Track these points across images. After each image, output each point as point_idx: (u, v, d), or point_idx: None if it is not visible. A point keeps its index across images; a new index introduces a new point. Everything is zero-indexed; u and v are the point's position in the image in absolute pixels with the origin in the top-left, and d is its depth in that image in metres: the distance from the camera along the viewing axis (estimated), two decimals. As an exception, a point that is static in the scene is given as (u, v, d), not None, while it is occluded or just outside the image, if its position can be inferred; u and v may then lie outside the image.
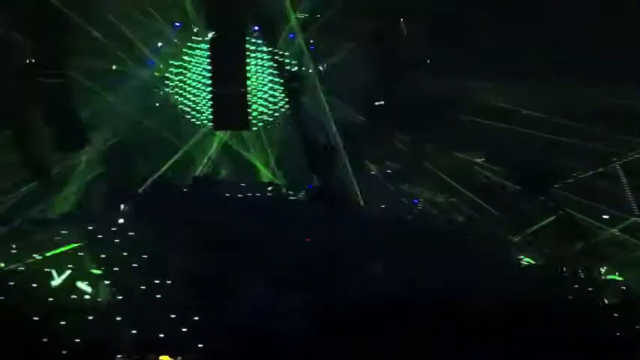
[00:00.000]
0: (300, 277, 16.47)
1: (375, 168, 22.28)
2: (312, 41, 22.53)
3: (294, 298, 15.86)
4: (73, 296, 17.14)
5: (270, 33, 22.11)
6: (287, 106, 22.72)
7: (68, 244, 18.80)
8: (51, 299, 17.01)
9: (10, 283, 17.18)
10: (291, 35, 22.59)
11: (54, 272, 17.91)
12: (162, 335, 16.19)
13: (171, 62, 22.61)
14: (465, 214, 21.18)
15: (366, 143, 21.98)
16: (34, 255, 18.10)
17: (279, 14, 21.75)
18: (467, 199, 21.29)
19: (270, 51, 22.29)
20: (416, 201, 21.84)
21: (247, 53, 21.88)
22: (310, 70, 22.37)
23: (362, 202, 20.87)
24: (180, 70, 22.54)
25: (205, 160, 22.50)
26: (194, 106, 22.48)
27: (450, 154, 21.90)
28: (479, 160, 22.07)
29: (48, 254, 18.07)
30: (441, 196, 21.73)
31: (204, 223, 18.35)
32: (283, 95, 22.61)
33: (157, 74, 22.60)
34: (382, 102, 21.65)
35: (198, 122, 22.45)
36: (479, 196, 21.16)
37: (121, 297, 17.25)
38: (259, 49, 22.33)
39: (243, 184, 21.78)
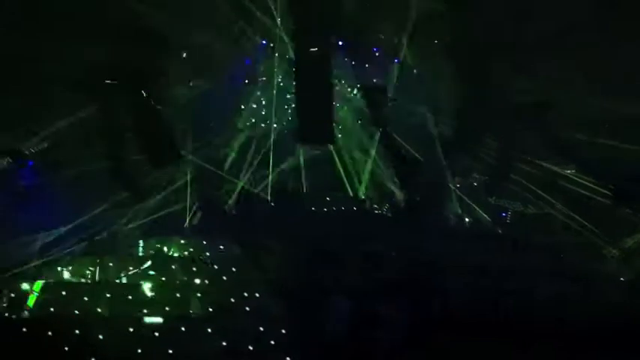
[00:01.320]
0: (391, 289, 16.32)
1: (462, 180, 21.97)
2: (396, 54, 22.46)
3: (386, 311, 15.73)
4: (167, 308, 17.61)
5: (354, 47, 22.18)
6: (371, 119, 22.72)
7: (157, 256, 19.44)
8: (145, 311, 17.56)
9: (108, 295, 17.77)
10: (375, 49, 22.62)
11: (144, 283, 18.54)
12: (251, 347, 16.41)
13: (258, 79, 22.99)
14: (557, 226, 20.58)
15: (453, 155, 21.67)
16: (129, 267, 18.77)
17: (364, 28, 21.81)
18: (557, 210, 20.71)
19: (355, 65, 22.36)
20: (504, 214, 21.40)
21: (332, 68, 21.99)
22: (395, 82, 22.31)
23: (449, 214, 20.60)
24: (267, 86, 22.92)
25: (289, 174, 22.72)
26: (280, 121, 22.79)
27: (538, 165, 21.36)
28: (569, 172, 21.43)
29: (144, 265, 18.66)
30: (530, 208, 21.21)
31: (292, 236, 18.51)
32: (367, 108, 22.62)
33: (244, 91, 23.02)
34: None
35: (284, 137, 22.69)
36: (570, 208, 20.53)
37: (211, 309, 17.63)
38: (344, 63, 22.43)
39: (328, 198, 21.89)
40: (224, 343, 16.39)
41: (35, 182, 20.15)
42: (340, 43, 22.35)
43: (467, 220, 21.16)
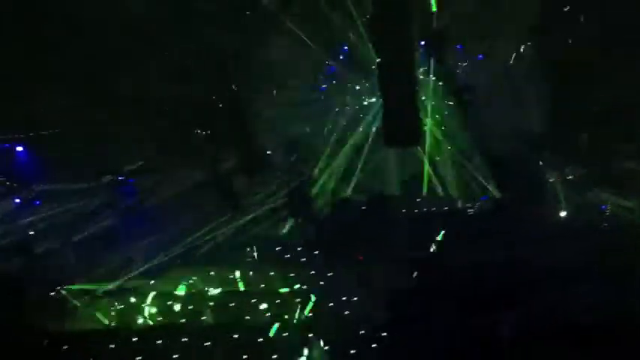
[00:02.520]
0: (488, 295, 16.03)
1: (558, 174, 21.41)
2: (481, 50, 22.18)
3: (486, 318, 15.48)
4: (268, 314, 17.94)
5: (437, 46, 22.01)
6: (458, 117, 22.49)
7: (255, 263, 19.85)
8: (247, 317, 17.94)
9: (211, 303, 18.25)
10: (459, 46, 22.39)
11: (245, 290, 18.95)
12: (352, 351, 16.51)
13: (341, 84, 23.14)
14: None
15: (546, 149, 21.18)
16: (229, 275, 19.24)
17: (446, 27, 21.62)
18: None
19: (439, 64, 22.20)
20: (604, 207, 20.71)
21: (415, 68, 21.88)
22: (481, 80, 22.02)
23: (547, 212, 20.12)
24: (349, 90, 23.04)
25: (379, 178, 22.72)
26: (365, 124, 22.85)
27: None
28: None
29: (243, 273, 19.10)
30: (631, 201, 20.45)
31: (387, 240, 18.54)
32: (454, 108, 22.42)
33: (327, 97, 23.21)
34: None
35: (370, 141, 22.72)
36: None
37: (310, 314, 17.85)
38: (427, 62, 22.30)
39: (418, 200, 21.80)
40: (326, 348, 16.55)
41: (136, 198, 21.00)
42: (422, 42, 22.23)
43: (566, 215, 20.59)
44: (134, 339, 17.07)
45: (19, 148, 20.45)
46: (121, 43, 18.78)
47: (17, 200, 20.36)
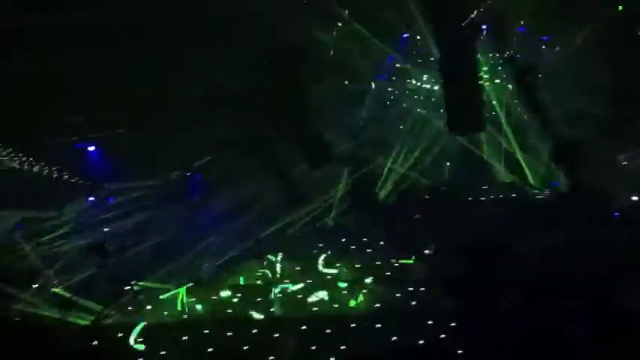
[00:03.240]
0: (565, 283, 15.72)
1: (625, 158, 20.77)
2: (545, 32, 21.64)
3: (558, 306, 15.22)
4: (335, 305, 18.14)
5: (499, 30, 21.60)
6: (522, 102, 22.07)
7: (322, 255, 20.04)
8: (315, 309, 18.18)
9: (280, 295, 18.57)
10: (521, 29, 21.92)
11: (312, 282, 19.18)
12: (421, 342, 16.52)
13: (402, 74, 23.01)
14: None
15: (613, 134, 20.53)
16: (296, 267, 19.52)
17: (509, 9, 21.17)
18: None
19: (501, 48, 21.80)
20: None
21: (478, 52, 21.54)
22: (546, 63, 21.51)
23: (616, 197, 19.54)
24: (413, 78, 22.89)
25: (442, 165, 22.54)
26: (429, 112, 22.69)
27: None
28: None
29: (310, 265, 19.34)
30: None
31: (453, 231, 18.43)
32: (518, 92, 21.99)
33: (389, 86, 23.12)
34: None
35: (434, 128, 22.55)
36: None
37: (378, 305, 17.95)
38: (489, 47, 21.93)
39: (484, 187, 21.54)
40: (394, 338, 16.62)
41: (203, 192, 21.46)
42: (484, 26, 21.84)
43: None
44: (206, 330, 17.55)
45: (92, 148, 21.14)
46: (192, 43, 19.13)
47: (91, 198, 21.14)
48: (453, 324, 16.46)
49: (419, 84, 22.96)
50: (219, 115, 20.31)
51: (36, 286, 18.73)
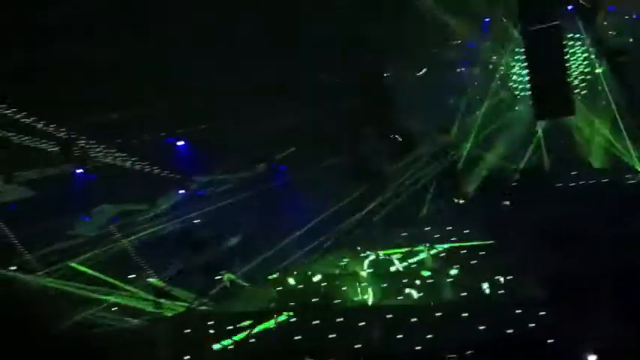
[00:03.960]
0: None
1: None
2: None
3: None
4: (421, 294, 18.12)
5: (586, 10, 20.86)
6: (613, 84, 21.24)
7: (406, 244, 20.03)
8: (400, 298, 18.20)
9: (366, 284, 18.69)
10: (611, 7, 21.09)
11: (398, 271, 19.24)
12: (509, 330, 16.30)
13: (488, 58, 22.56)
14: None
15: None
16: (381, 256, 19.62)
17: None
18: None
19: (590, 28, 21.04)
20: None
21: (565, 34, 20.90)
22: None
23: None
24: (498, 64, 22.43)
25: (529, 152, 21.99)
26: (515, 98, 22.19)
27: None
28: None
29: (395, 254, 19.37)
30: None
31: (545, 214, 18.03)
32: (605, 73, 21.18)
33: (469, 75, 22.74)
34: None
35: (520, 114, 22.03)
36: None
37: (464, 294, 17.82)
38: (577, 27, 21.21)
39: (573, 173, 20.91)
40: (480, 327, 16.46)
41: (287, 183, 21.81)
42: (570, 7, 21.16)
43: None
44: (292, 319, 17.90)
45: (180, 143, 21.82)
46: (274, 34, 19.42)
47: (181, 191, 21.86)
48: (542, 313, 16.15)
49: (502, 69, 22.45)
50: (303, 106, 20.52)
51: (132, 276, 19.60)
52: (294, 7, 19.21)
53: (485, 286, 17.64)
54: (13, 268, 18.89)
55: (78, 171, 20.54)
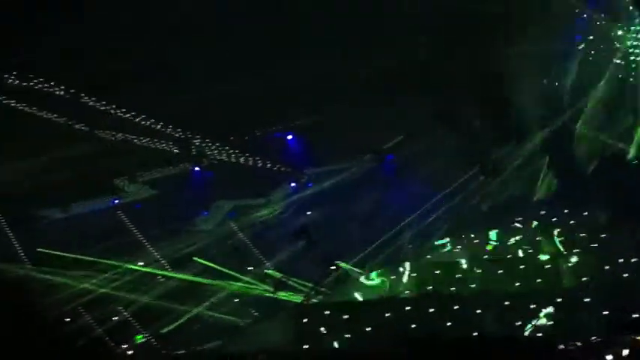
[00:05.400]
0: None
1: None
2: None
3: None
4: (538, 280, 17.71)
5: None
6: None
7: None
8: (517, 284, 17.85)
9: (478, 271, 18.51)
10: None
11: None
12: (636, 315, 15.69)
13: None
14: None
15: None
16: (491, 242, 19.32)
17: None
18: None
19: None
20: None
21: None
22: None
23: None
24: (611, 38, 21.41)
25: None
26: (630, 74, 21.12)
27: None
28: None
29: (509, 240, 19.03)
30: None
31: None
32: None
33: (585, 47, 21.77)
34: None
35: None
36: None
37: (585, 279, 17.28)
38: None
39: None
40: (604, 312, 15.94)
41: (396, 171, 21.83)
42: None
43: None
44: (407, 307, 17.95)
45: (289, 137, 22.31)
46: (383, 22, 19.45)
47: (293, 185, 22.39)
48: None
49: (618, 44, 21.38)
50: (409, 95, 20.43)
51: (250, 268, 20.31)
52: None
53: (607, 269, 17.02)
54: (141, 263, 20.05)
55: (195, 169, 21.52)
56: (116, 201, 21.21)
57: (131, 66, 18.08)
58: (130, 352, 18.62)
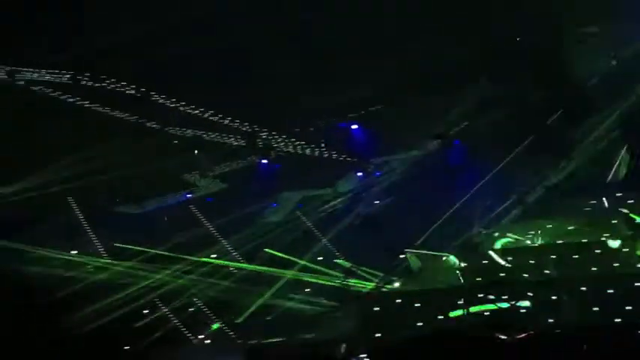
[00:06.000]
0: None
1: None
2: None
3: None
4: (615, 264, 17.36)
5: None
6: None
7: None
8: (594, 269, 17.53)
9: (553, 256, 18.22)
10: None
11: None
12: None
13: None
14: None
15: None
16: (567, 227, 18.96)
17: None
18: None
19: None
20: None
21: None
22: None
23: None
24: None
25: None
26: None
27: None
28: None
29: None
30: None
31: None
32: None
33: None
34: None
35: None
36: None
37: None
38: None
39: None
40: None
41: (464, 158, 21.67)
42: None
43: None
44: (480, 294, 17.84)
45: (354, 126, 22.37)
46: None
47: (360, 174, 22.48)
48: None
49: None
50: (472, 81, 20.24)
51: (320, 258, 20.54)
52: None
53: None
54: (213, 256, 20.54)
55: (263, 162, 21.86)
56: (188, 195, 21.80)
57: (199, 63, 18.50)
58: (207, 342, 19.13)
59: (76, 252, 20.34)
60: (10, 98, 18.72)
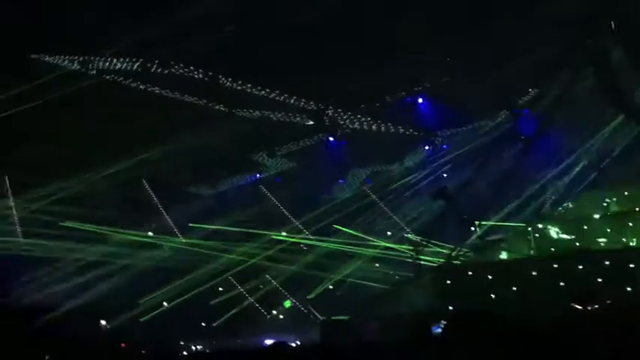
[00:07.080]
0: None
1: None
2: None
3: None
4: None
5: None
6: None
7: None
8: None
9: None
10: None
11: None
12: None
13: None
14: None
15: None
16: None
17: None
18: None
19: None
20: None
21: None
22: None
23: None
24: None
25: None
26: None
27: None
28: None
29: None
30: None
31: None
32: None
33: None
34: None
35: None
36: None
37: None
38: None
39: None
40: None
41: (534, 128, 21.13)
42: None
43: None
44: (555, 265, 17.45)
45: (420, 100, 22.17)
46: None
47: (427, 147, 22.33)
48: None
49: None
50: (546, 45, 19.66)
51: (390, 233, 20.62)
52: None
53: None
54: (284, 234, 20.93)
55: (330, 139, 21.99)
56: (258, 175, 22.21)
57: (264, 45, 18.68)
58: (281, 317, 19.61)
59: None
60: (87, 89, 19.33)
